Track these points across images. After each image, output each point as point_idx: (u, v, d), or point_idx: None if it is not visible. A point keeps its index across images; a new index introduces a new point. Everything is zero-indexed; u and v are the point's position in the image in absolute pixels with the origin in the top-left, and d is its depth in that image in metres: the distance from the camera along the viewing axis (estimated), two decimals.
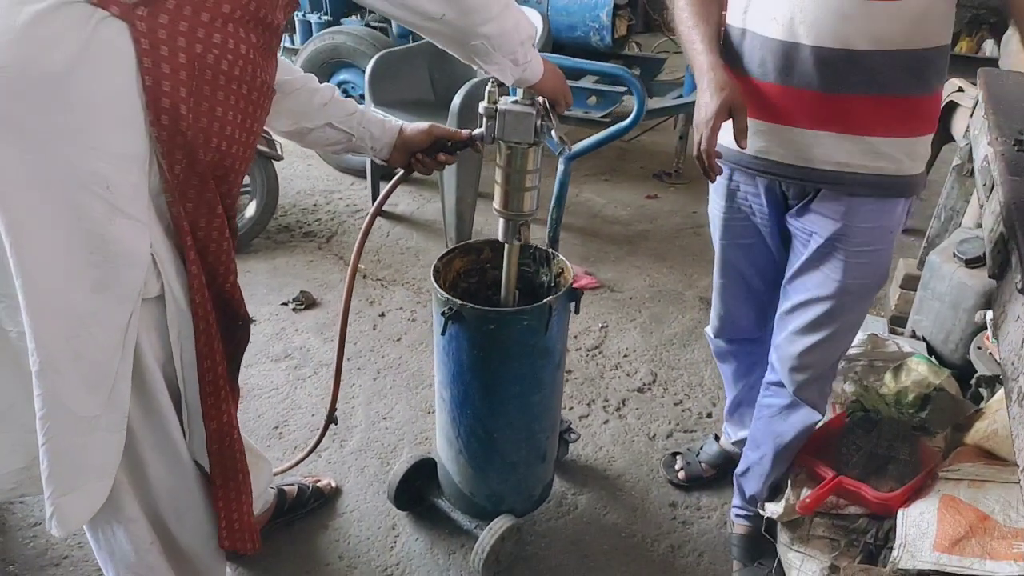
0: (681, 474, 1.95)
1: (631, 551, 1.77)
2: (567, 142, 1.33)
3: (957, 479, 1.43)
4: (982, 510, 1.34)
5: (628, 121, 1.48)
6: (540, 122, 1.33)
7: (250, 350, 1.47)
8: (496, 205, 1.45)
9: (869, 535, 1.49)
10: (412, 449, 2.05)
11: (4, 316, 1.04)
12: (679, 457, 1.99)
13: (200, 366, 1.13)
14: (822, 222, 1.33)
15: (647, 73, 4.15)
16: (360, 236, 1.54)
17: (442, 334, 1.47)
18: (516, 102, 1.34)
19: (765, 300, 1.61)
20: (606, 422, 2.19)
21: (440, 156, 1.45)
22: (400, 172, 1.51)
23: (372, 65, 3.18)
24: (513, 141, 1.35)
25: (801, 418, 1.54)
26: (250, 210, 3.01)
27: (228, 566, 1.50)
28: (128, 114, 0.93)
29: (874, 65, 1.18)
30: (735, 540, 1.74)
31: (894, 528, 1.43)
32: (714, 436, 2.01)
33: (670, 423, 2.18)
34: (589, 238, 3.34)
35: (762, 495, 1.66)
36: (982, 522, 1.32)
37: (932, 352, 2.16)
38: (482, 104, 1.35)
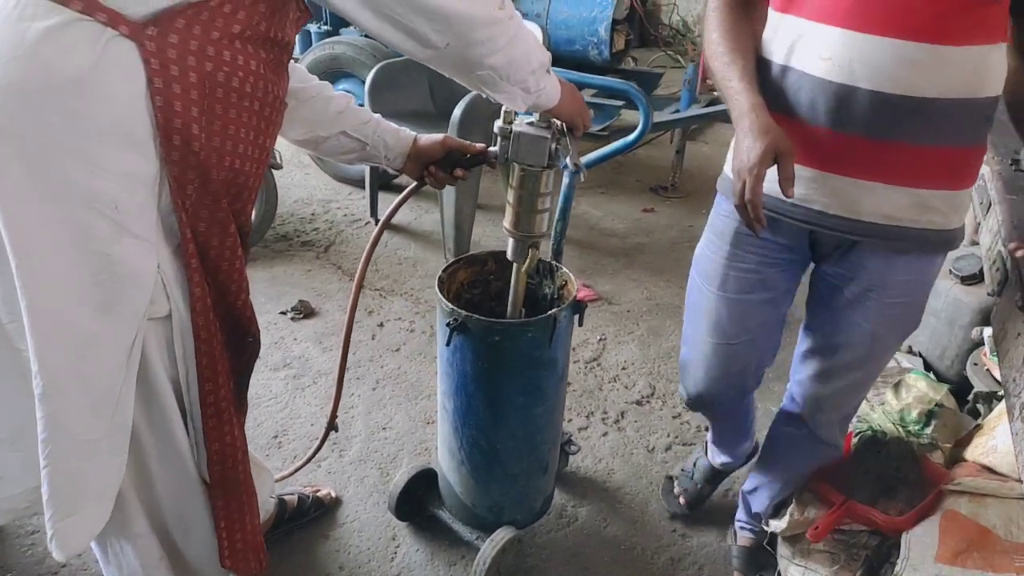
0: (681, 499, 1.87)
1: (631, 564, 1.77)
2: (581, 168, 1.29)
3: (958, 493, 1.44)
4: (983, 525, 1.35)
5: (634, 135, 1.50)
6: (555, 146, 1.30)
7: None
8: (507, 225, 1.42)
9: (870, 549, 1.50)
10: (412, 460, 2.05)
11: (16, 335, 1.02)
12: (676, 482, 1.91)
13: (202, 388, 1.11)
14: (858, 272, 1.25)
15: (645, 88, 4.15)
16: (368, 246, 1.53)
17: (447, 345, 1.47)
18: (532, 124, 1.32)
19: (764, 356, 1.48)
20: (605, 434, 2.19)
21: (456, 171, 1.43)
22: (413, 184, 1.50)
23: (372, 76, 3.19)
24: (527, 164, 1.32)
25: (820, 454, 1.50)
26: None
27: None
28: (137, 134, 0.92)
29: (935, 113, 1.09)
30: (737, 552, 1.75)
31: (896, 543, 1.44)
32: (704, 449, 1.91)
33: (668, 436, 2.19)
34: (586, 251, 3.35)
35: (767, 512, 1.67)
36: (983, 536, 1.33)
37: (929, 368, 2.18)
38: (497, 123, 1.32)
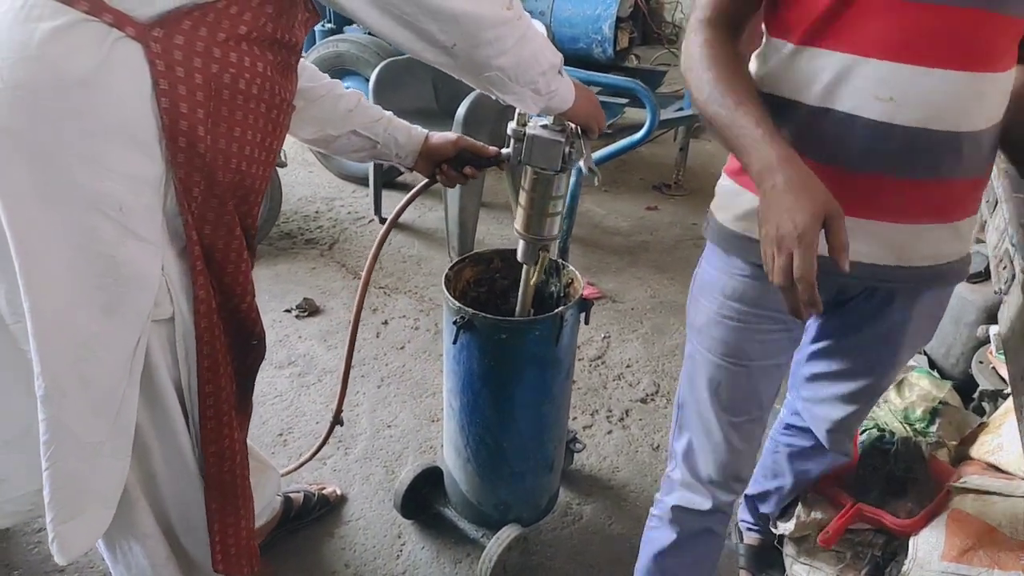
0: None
1: (636, 562, 1.77)
2: (596, 172, 1.27)
3: (964, 491, 1.44)
4: (989, 523, 1.35)
5: (641, 133, 1.49)
6: (569, 149, 1.29)
7: None
8: (517, 227, 1.41)
9: (876, 548, 1.50)
10: (417, 457, 2.05)
11: (21, 336, 1.02)
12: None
13: (201, 390, 1.11)
14: (886, 311, 1.16)
15: (648, 86, 4.17)
16: (376, 243, 1.54)
17: (453, 343, 1.48)
18: (546, 127, 1.30)
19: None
20: (610, 432, 2.20)
21: (467, 170, 1.43)
22: (423, 182, 1.50)
23: (376, 74, 3.19)
24: (540, 167, 1.30)
25: (830, 460, 1.47)
26: None
27: None
28: (143, 136, 0.92)
29: (982, 144, 1.01)
30: (743, 551, 1.75)
31: (902, 541, 1.44)
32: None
33: None
34: (590, 249, 3.35)
35: (775, 515, 1.66)
36: (989, 534, 1.33)
37: (933, 366, 2.17)
38: (510, 125, 1.31)
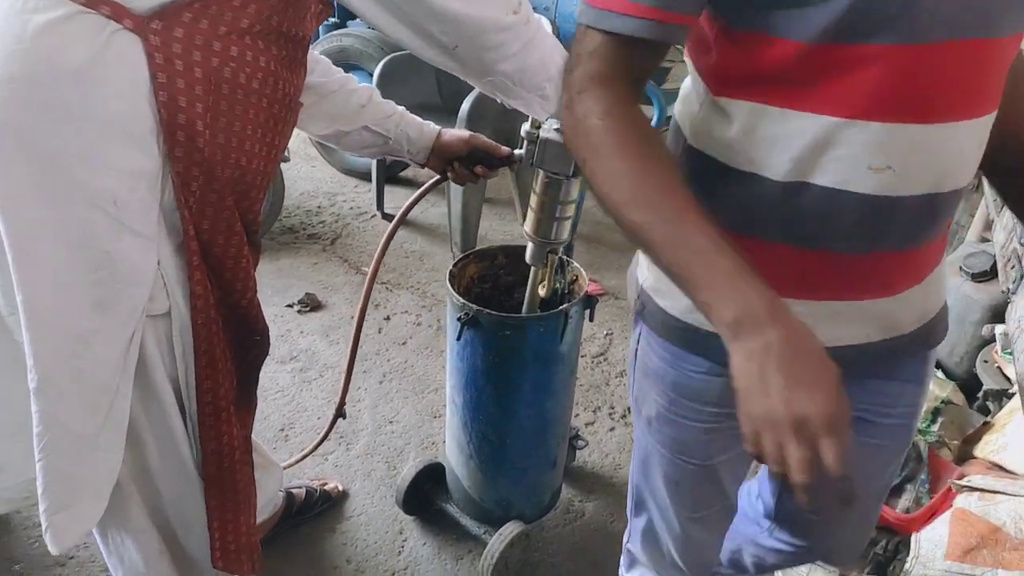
0: None
1: None
2: None
3: (968, 490, 1.44)
4: (993, 522, 1.35)
5: None
6: None
7: None
8: (527, 229, 1.39)
9: (879, 546, 1.50)
10: (418, 453, 2.05)
11: (16, 328, 1.01)
12: None
13: (200, 386, 1.09)
14: (899, 392, 0.99)
15: (653, 82, 4.16)
16: (384, 239, 1.52)
17: (457, 339, 1.47)
18: (559, 130, 1.25)
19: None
20: (612, 429, 2.19)
21: (478, 169, 1.41)
22: (434, 178, 1.48)
23: (380, 69, 3.18)
24: (552, 171, 1.28)
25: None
26: None
27: None
28: (139, 130, 0.90)
29: (962, 192, 0.86)
30: None
31: (904, 540, 1.44)
32: None
33: None
34: (592, 245, 3.34)
35: None
36: (993, 534, 1.33)
37: (938, 365, 2.17)
38: (524, 127, 1.29)
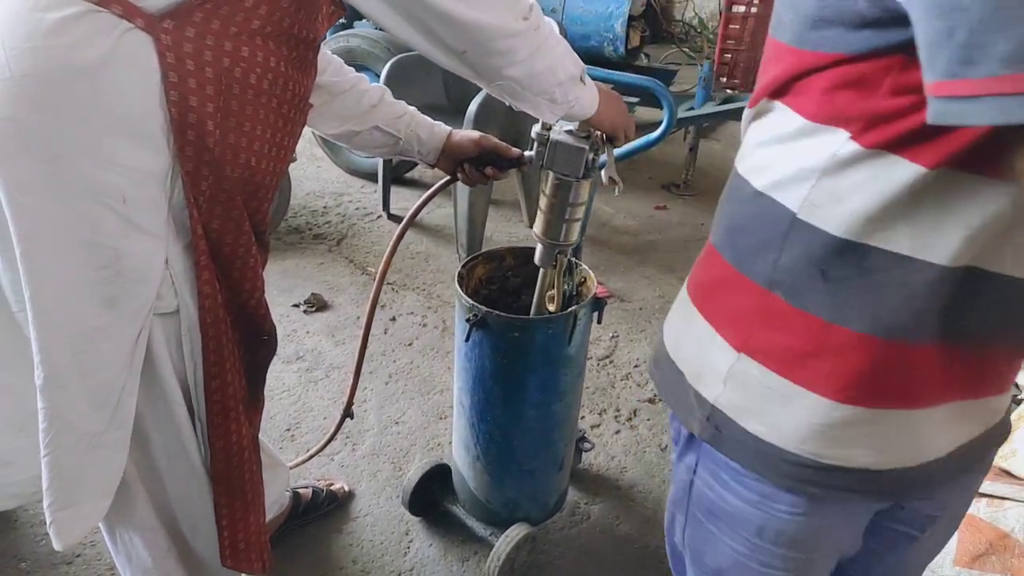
0: None
1: (645, 562, 1.77)
2: (619, 182, 1.25)
3: (977, 497, 1.43)
4: (1002, 529, 1.34)
5: (659, 132, 1.49)
6: (592, 156, 1.26)
7: None
8: (537, 231, 1.39)
9: None
10: (424, 455, 2.05)
11: (26, 324, 1.01)
12: None
13: (208, 385, 1.10)
14: (976, 481, 0.93)
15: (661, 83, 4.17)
16: (394, 239, 1.51)
17: (465, 341, 1.47)
18: (571, 132, 1.27)
19: None
20: (618, 432, 2.19)
21: (488, 170, 1.41)
22: (443, 179, 1.49)
23: (387, 69, 3.19)
24: (561, 174, 1.28)
25: None
26: None
27: None
28: (149, 128, 0.91)
29: None
30: None
31: None
32: None
33: None
34: (598, 247, 3.34)
35: None
36: (1002, 540, 1.32)
37: None
38: (535, 128, 1.28)
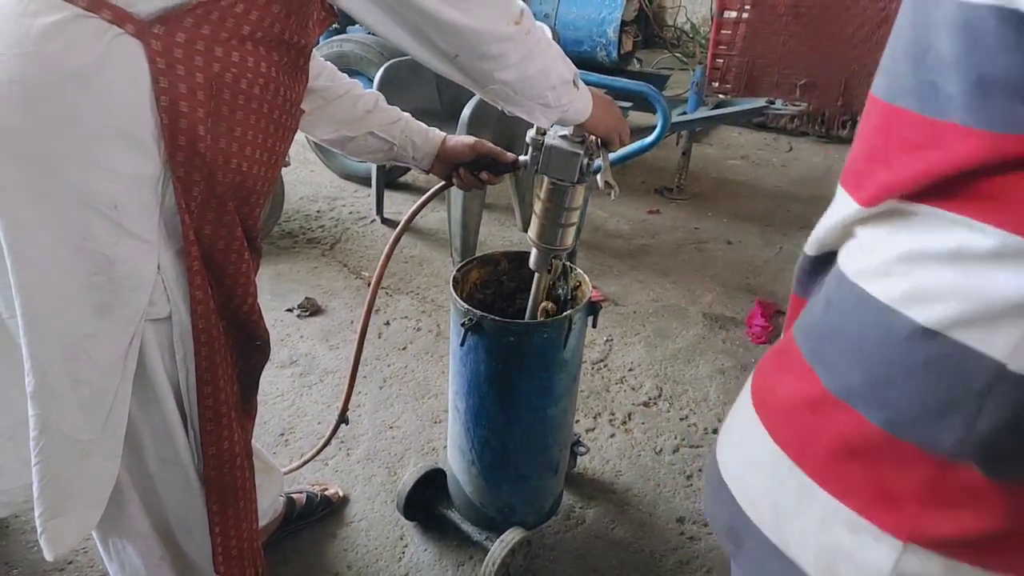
0: None
1: (639, 566, 1.77)
2: (614, 186, 1.25)
3: None
4: None
5: (653, 136, 1.50)
6: (587, 161, 1.26)
7: None
8: (531, 235, 1.39)
9: None
10: (419, 459, 2.04)
11: (16, 331, 1.01)
12: None
13: (200, 391, 1.09)
14: None
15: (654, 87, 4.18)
16: (390, 243, 1.52)
17: (461, 345, 1.47)
18: (565, 137, 1.28)
19: None
20: (612, 436, 2.19)
21: (483, 175, 1.42)
22: (438, 184, 1.49)
23: (380, 74, 3.18)
24: (556, 179, 1.29)
25: None
26: None
27: None
28: (140, 134, 0.90)
29: None
30: None
31: None
32: None
33: (676, 438, 2.19)
34: (592, 251, 3.35)
35: None
36: None
37: None
38: (529, 133, 1.29)
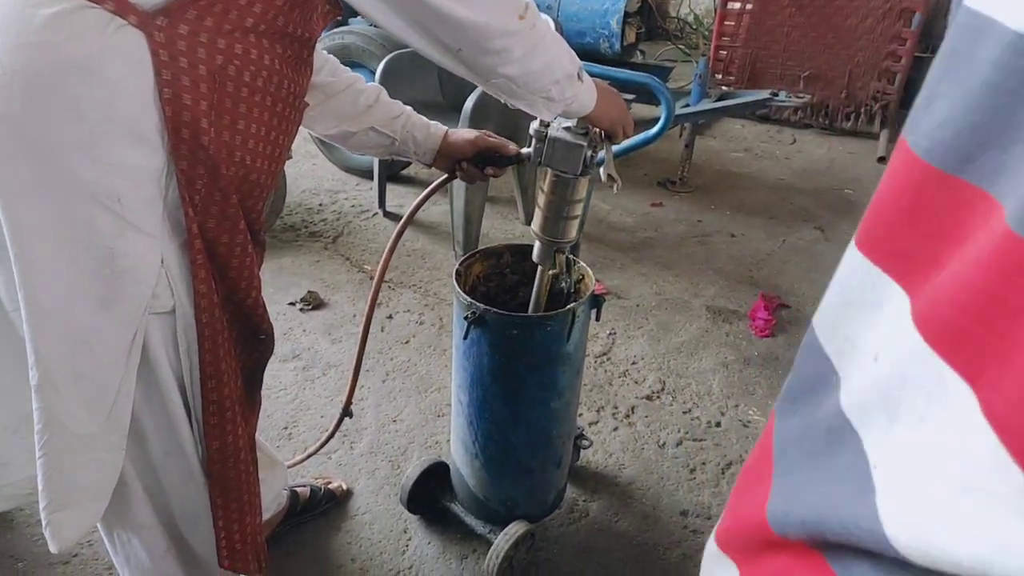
0: None
1: (643, 559, 1.77)
2: (617, 179, 1.25)
3: None
4: None
5: (657, 128, 1.49)
6: (591, 153, 1.26)
7: None
8: (535, 228, 1.39)
9: None
10: (422, 452, 2.04)
11: (20, 324, 1.00)
12: None
13: (204, 385, 1.09)
14: None
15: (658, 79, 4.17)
16: (393, 237, 1.52)
17: (464, 339, 1.47)
18: (569, 129, 1.27)
19: None
20: (615, 429, 2.19)
21: (488, 169, 1.41)
22: (442, 177, 1.48)
23: (383, 66, 3.17)
24: (560, 171, 1.28)
25: None
26: None
27: None
28: (143, 126, 0.90)
29: None
30: None
31: None
32: None
33: (679, 431, 2.19)
34: (595, 244, 3.34)
35: None
36: None
37: None
38: (533, 125, 1.29)
